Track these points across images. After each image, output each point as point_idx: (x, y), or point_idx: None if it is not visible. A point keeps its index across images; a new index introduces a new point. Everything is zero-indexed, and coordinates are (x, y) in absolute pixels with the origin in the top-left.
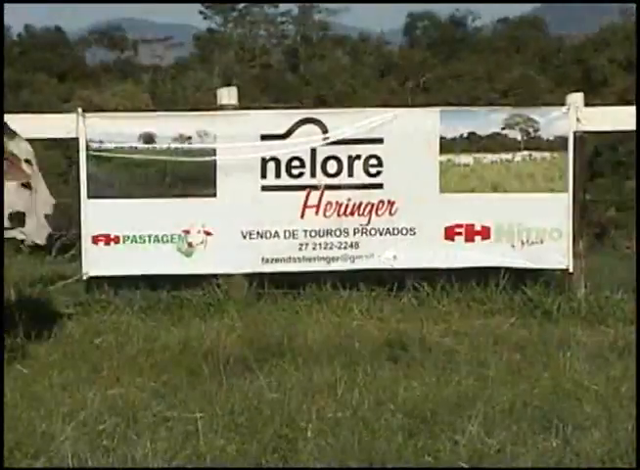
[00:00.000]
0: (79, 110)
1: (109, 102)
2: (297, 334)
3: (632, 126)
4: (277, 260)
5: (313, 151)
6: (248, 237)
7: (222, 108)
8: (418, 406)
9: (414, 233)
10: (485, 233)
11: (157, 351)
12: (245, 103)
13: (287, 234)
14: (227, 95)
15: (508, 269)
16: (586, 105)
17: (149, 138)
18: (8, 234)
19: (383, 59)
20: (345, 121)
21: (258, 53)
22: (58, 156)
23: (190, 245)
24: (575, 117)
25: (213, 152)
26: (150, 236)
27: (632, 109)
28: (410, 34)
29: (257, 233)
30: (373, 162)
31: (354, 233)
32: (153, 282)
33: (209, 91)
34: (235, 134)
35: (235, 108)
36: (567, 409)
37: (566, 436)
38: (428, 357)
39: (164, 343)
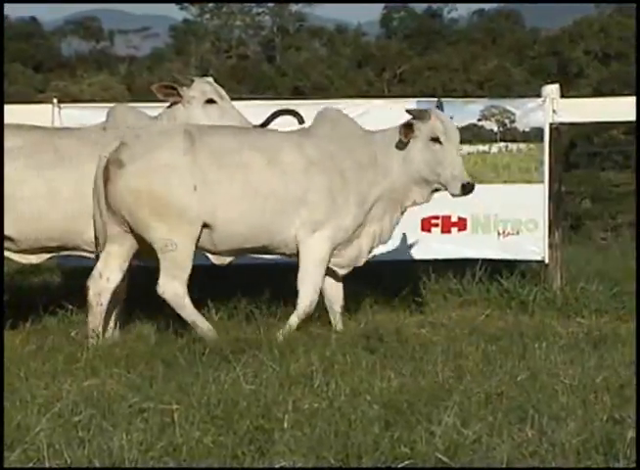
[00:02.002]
0: (55, 100)
1: (84, 92)
2: (273, 325)
3: (607, 118)
4: None
5: None
6: None
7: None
8: (394, 397)
9: None
10: (462, 225)
11: (132, 342)
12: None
13: None
14: None
15: (484, 261)
16: (562, 96)
17: None
18: None
19: (359, 50)
20: None
21: (235, 44)
22: None
23: None
24: (551, 108)
25: None
26: None
27: (607, 100)
28: (387, 26)
29: None
30: None
31: None
32: (130, 274)
33: None
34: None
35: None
36: (542, 400)
37: (541, 426)
38: (404, 348)
39: (140, 334)
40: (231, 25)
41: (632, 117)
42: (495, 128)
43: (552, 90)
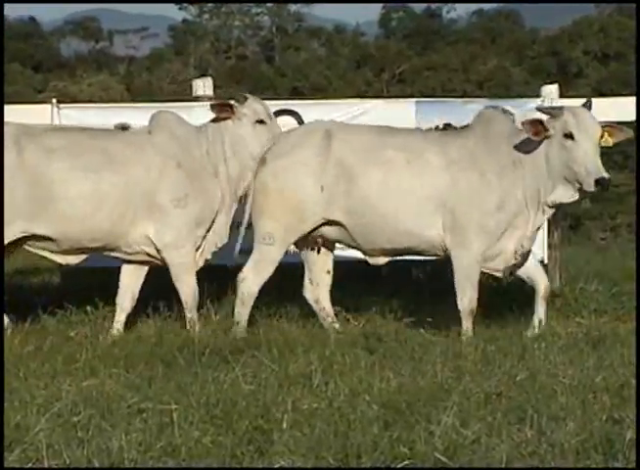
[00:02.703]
0: (54, 100)
1: (83, 93)
2: (272, 325)
3: (606, 118)
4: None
5: None
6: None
7: (198, 99)
8: (393, 397)
9: None
10: None
11: (132, 342)
12: (220, 94)
13: None
14: (202, 86)
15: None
16: (561, 96)
17: (124, 129)
18: None
19: (358, 50)
20: (321, 113)
21: (234, 44)
22: None
23: None
24: None
25: None
26: None
27: (606, 100)
28: (385, 26)
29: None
30: None
31: None
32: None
33: (185, 82)
34: None
35: (210, 99)
36: (541, 400)
37: (540, 426)
38: (403, 349)
39: (139, 334)
40: (230, 26)
41: (632, 118)
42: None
43: (551, 90)
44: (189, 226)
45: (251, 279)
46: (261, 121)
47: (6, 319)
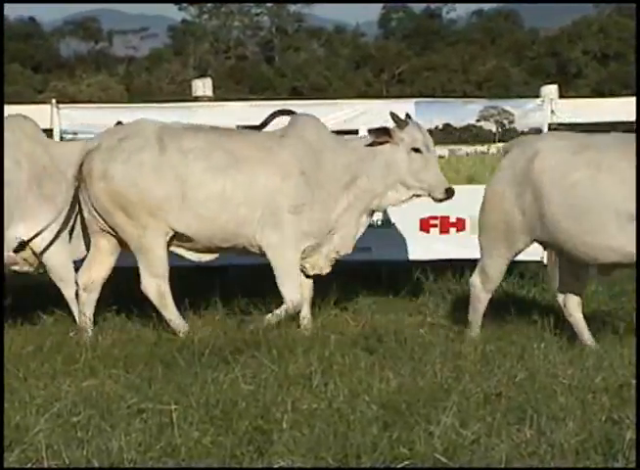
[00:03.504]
0: (53, 101)
1: (83, 93)
2: (272, 326)
3: (606, 118)
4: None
5: None
6: None
7: (197, 99)
8: (393, 398)
9: (389, 225)
10: (460, 225)
11: (131, 343)
12: (220, 94)
13: None
14: (202, 86)
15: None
16: (561, 97)
17: None
18: None
19: (358, 50)
20: (321, 113)
21: (233, 44)
22: None
23: None
24: (550, 108)
25: None
26: None
27: (606, 101)
28: (385, 26)
29: None
30: None
31: None
32: (127, 275)
33: (184, 82)
34: None
35: (210, 99)
36: (541, 400)
37: (540, 427)
38: (403, 349)
39: (139, 335)
40: (230, 26)
41: (632, 118)
42: (494, 129)
43: (551, 90)
44: (297, 235)
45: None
46: (417, 150)
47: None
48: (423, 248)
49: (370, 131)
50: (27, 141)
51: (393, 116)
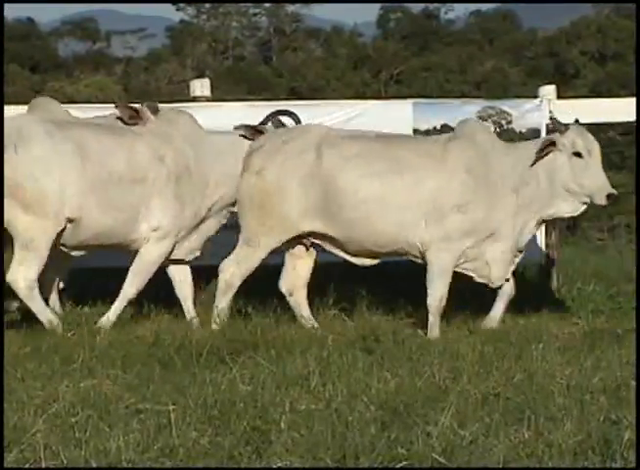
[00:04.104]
0: None
1: (81, 93)
2: (270, 326)
3: (604, 119)
4: None
5: None
6: None
7: (195, 99)
8: (391, 398)
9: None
10: None
11: (129, 343)
12: (217, 95)
13: None
14: (200, 87)
15: None
16: (558, 97)
17: None
18: None
19: (356, 51)
20: (319, 113)
21: (231, 45)
22: None
23: None
24: (548, 109)
25: None
26: None
27: (604, 101)
28: (383, 26)
29: None
30: None
31: None
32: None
33: (182, 83)
34: (208, 126)
35: (208, 100)
36: (539, 401)
37: (538, 427)
38: (401, 350)
39: (137, 335)
40: (227, 26)
41: (630, 118)
42: (492, 129)
43: (549, 91)
44: (459, 233)
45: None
46: (578, 154)
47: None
48: None
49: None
50: (179, 138)
51: (554, 121)
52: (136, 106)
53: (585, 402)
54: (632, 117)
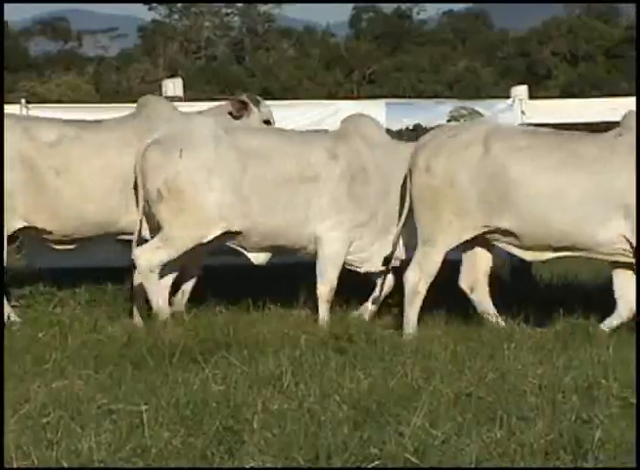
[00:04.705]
0: (23, 101)
1: (52, 93)
2: (242, 326)
3: (576, 119)
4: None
5: None
6: None
7: (168, 99)
8: (364, 398)
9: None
10: None
11: (101, 343)
12: (190, 95)
13: None
14: (172, 87)
15: (454, 261)
16: (530, 97)
17: None
18: None
19: (328, 51)
20: (292, 114)
21: (203, 45)
22: None
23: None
24: (520, 109)
25: None
26: None
27: (575, 101)
28: (355, 26)
29: None
30: None
31: None
32: (97, 275)
33: (155, 83)
34: None
35: (180, 99)
36: (511, 400)
37: (510, 427)
38: (373, 349)
39: (109, 335)
40: (200, 26)
41: (601, 118)
42: None
43: (521, 91)
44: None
45: None
46: None
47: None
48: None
49: None
50: (357, 139)
51: None
52: (243, 98)
53: (557, 402)
54: (603, 117)
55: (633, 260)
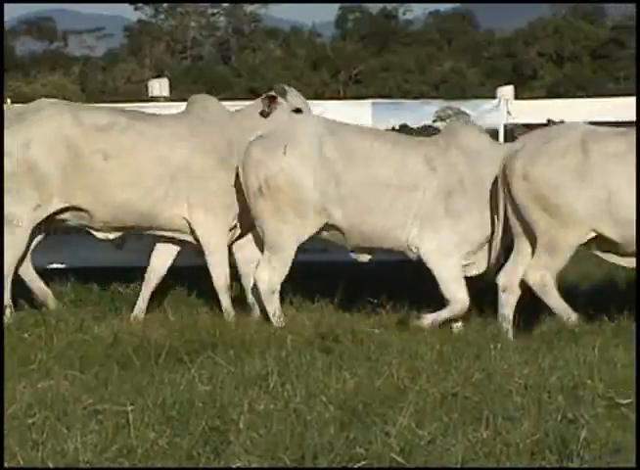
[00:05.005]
0: (8, 101)
1: (38, 93)
2: (228, 326)
3: (562, 119)
4: None
5: None
6: None
7: (154, 99)
8: (350, 398)
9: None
10: None
11: (87, 343)
12: (176, 95)
13: None
14: (158, 87)
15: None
16: (516, 98)
17: None
18: None
19: (315, 51)
20: None
21: (190, 45)
22: None
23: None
24: (506, 109)
25: None
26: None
27: (561, 101)
28: (342, 27)
29: None
30: None
31: None
32: (83, 274)
33: (140, 83)
34: None
35: (166, 99)
36: (497, 400)
37: (496, 427)
38: (359, 349)
39: (95, 336)
40: (186, 26)
41: (588, 119)
42: None
43: (507, 91)
44: None
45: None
46: None
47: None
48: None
49: None
50: (456, 151)
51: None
52: (271, 93)
53: (543, 402)
54: (590, 118)
55: None
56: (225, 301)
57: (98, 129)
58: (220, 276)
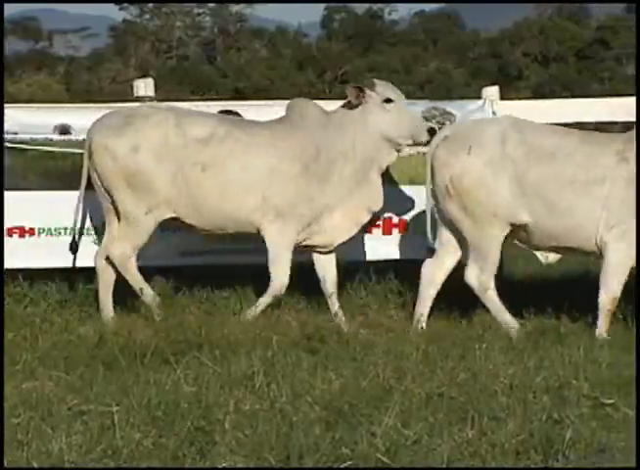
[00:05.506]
0: None
1: (23, 92)
2: (214, 327)
3: (546, 119)
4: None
5: None
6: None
7: (139, 99)
8: (335, 399)
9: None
10: (403, 226)
11: (72, 344)
12: (161, 95)
13: None
14: (144, 87)
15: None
16: (502, 98)
17: (64, 130)
18: None
19: (300, 51)
20: (263, 114)
21: (175, 45)
22: None
23: None
24: (491, 110)
25: None
26: (66, 228)
27: (547, 102)
28: (327, 27)
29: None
30: None
31: None
32: (68, 275)
33: (126, 83)
34: None
35: (152, 100)
36: (482, 400)
37: (481, 427)
38: (345, 349)
39: (80, 336)
40: (171, 26)
41: (573, 119)
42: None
43: (492, 92)
44: None
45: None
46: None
47: None
48: (365, 248)
49: None
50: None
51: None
52: (359, 84)
53: (528, 402)
54: (575, 119)
55: None
56: (263, 303)
57: (199, 141)
58: (276, 285)
